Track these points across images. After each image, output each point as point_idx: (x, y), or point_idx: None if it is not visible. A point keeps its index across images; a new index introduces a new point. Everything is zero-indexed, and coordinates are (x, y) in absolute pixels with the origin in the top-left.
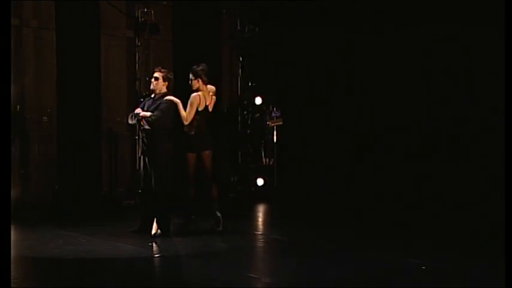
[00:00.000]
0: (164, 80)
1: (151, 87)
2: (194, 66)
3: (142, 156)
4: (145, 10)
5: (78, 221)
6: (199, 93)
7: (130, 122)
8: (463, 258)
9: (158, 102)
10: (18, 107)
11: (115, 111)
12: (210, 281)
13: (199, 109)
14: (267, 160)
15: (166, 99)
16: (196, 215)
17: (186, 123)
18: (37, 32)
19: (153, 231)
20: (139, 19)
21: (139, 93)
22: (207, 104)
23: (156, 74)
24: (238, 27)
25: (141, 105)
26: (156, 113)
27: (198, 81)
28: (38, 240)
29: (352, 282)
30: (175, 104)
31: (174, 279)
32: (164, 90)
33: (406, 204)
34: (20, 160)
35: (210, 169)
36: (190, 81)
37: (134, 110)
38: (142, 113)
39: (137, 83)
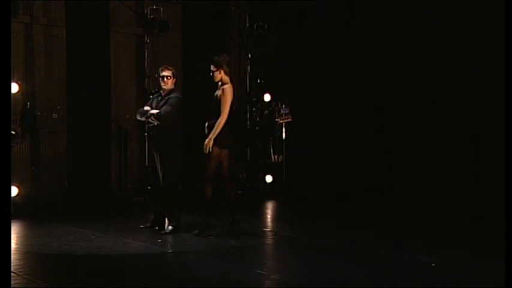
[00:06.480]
0: (174, 77)
1: (162, 86)
2: (216, 57)
3: (151, 153)
4: (155, 7)
5: (88, 218)
6: (229, 85)
7: (138, 118)
8: (465, 257)
9: (167, 97)
10: (28, 104)
11: (124, 108)
12: (219, 277)
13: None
14: (276, 157)
15: (176, 95)
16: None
17: (223, 121)
18: (47, 30)
19: (164, 228)
20: (149, 16)
21: (149, 91)
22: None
23: (165, 73)
24: (247, 25)
25: (150, 103)
26: (165, 107)
27: (220, 72)
28: (48, 236)
29: (361, 280)
30: (181, 99)
31: (184, 276)
32: (172, 87)
33: (414, 202)
34: (30, 157)
35: (227, 168)
36: (211, 73)
37: (143, 107)
38: (152, 111)
39: (146, 80)
